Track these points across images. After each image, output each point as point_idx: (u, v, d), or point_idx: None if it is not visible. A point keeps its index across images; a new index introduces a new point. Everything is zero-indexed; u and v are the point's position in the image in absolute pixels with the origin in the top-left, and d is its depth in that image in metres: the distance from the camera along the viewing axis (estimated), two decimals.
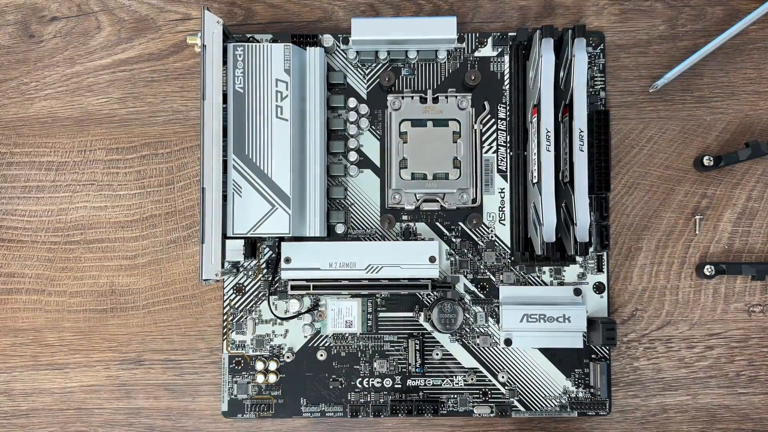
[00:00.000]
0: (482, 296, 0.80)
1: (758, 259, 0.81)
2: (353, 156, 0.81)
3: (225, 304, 0.80)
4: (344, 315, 0.78)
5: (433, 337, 0.80)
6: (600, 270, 0.80)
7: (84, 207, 0.82)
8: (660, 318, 0.81)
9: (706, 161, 0.79)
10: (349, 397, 0.80)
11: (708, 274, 0.79)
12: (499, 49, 0.81)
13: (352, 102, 0.81)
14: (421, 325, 0.80)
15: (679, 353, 0.81)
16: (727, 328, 0.81)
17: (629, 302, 0.81)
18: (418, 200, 0.80)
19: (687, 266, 0.81)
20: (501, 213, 0.80)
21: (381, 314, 0.80)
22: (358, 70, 0.81)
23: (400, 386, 0.80)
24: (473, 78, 0.79)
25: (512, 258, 0.80)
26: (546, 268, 0.80)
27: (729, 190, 0.81)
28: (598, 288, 0.80)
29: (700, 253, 0.81)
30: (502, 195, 0.80)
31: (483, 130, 0.81)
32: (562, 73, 0.74)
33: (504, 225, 0.80)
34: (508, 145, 0.80)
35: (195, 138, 0.82)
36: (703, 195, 0.81)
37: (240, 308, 0.80)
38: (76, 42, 0.83)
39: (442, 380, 0.80)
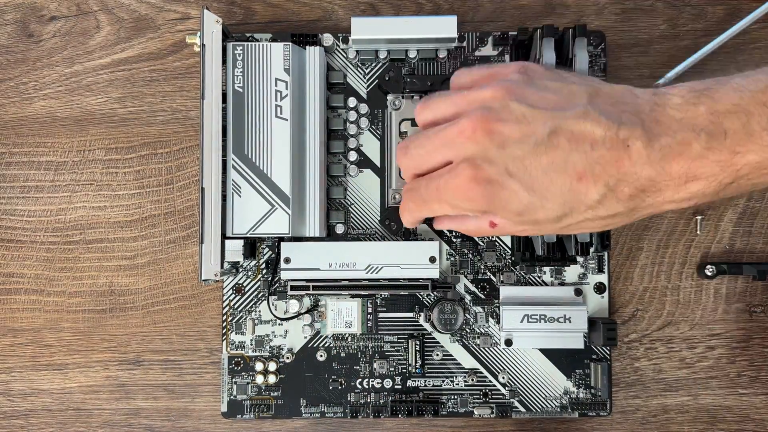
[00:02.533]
0: (483, 296, 0.80)
1: (759, 259, 0.80)
2: (353, 156, 0.81)
3: (224, 304, 0.80)
4: (344, 315, 0.78)
5: (434, 338, 0.80)
6: (601, 270, 0.80)
7: (83, 207, 0.82)
8: (661, 318, 0.81)
9: None
10: (349, 398, 0.80)
11: (709, 274, 0.79)
12: (500, 49, 0.81)
13: (352, 101, 0.80)
14: (421, 325, 0.80)
15: (680, 353, 0.80)
16: (729, 328, 0.80)
17: (630, 302, 0.81)
18: None
19: (688, 266, 0.81)
20: None
21: (381, 315, 0.80)
22: (358, 69, 0.81)
23: (400, 387, 0.80)
24: None
25: (513, 258, 0.80)
26: (546, 269, 0.80)
27: None
28: (599, 288, 0.80)
29: (701, 253, 0.81)
30: None
31: None
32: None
33: None
34: None
35: (194, 138, 0.82)
36: None
37: (239, 309, 0.80)
38: (75, 41, 0.82)
39: (443, 381, 0.80)
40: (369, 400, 0.79)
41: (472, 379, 0.80)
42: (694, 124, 0.54)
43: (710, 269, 0.79)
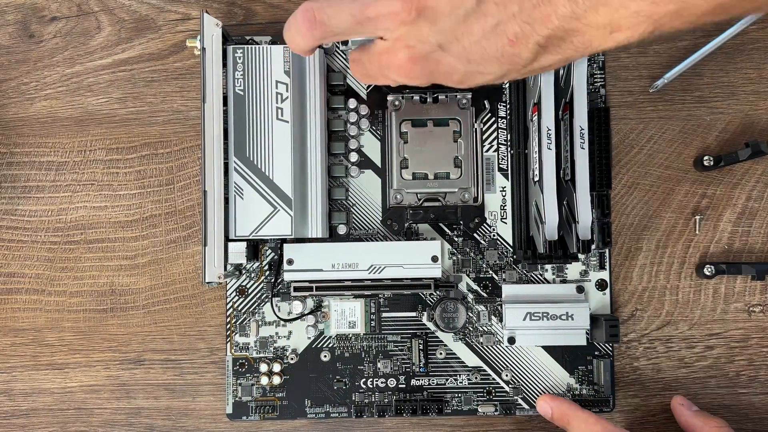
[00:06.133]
0: (485, 295, 0.80)
1: (758, 259, 0.81)
2: (354, 157, 0.81)
3: (228, 306, 0.80)
4: (347, 316, 0.78)
5: (437, 337, 0.80)
6: (602, 267, 0.80)
7: (84, 207, 0.82)
8: (660, 318, 0.81)
9: (706, 161, 0.79)
10: (353, 398, 0.80)
11: (708, 274, 0.79)
12: None
13: (352, 103, 0.80)
14: (424, 324, 0.80)
15: (679, 353, 0.81)
16: (727, 328, 0.81)
17: (629, 302, 0.81)
18: (419, 200, 0.80)
19: (687, 266, 0.81)
20: (503, 211, 0.80)
21: (384, 314, 0.80)
22: None
23: (404, 386, 0.80)
24: None
25: (514, 256, 0.80)
26: (548, 266, 0.81)
27: (729, 190, 0.81)
28: (601, 285, 0.80)
29: (700, 253, 0.81)
30: (504, 193, 0.81)
31: (483, 129, 0.81)
32: (561, 71, 0.74)
33: (506, 223, 0.80)
34: (509, 143, 0.80)
35: (195, 138, 0.82)
36: (703, 195, 0.81)
37: (243, 310, 0.80)
38: (76, 42, 0.82)
39: (446, 379, 0.80)
40: (373, 400, 0.80)
41: (476, 377, 0.80)
42: None
43: (709, 269, 0.80)
